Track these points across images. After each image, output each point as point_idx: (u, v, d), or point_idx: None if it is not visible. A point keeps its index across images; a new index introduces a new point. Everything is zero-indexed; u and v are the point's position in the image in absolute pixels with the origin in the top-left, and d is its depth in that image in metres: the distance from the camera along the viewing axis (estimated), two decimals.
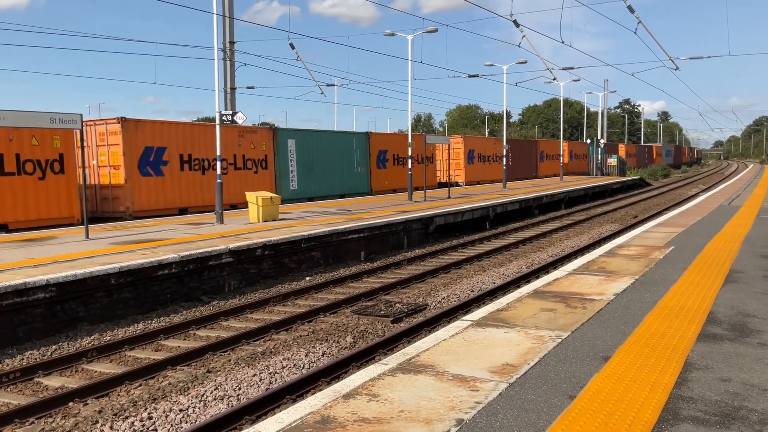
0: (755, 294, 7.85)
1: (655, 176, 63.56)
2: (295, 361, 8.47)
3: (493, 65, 37.48)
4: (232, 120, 17.23)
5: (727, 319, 6.68)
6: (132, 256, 11.68)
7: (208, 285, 12.55)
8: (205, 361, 8.69)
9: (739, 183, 40.08)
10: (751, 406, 4.38)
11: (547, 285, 8.60)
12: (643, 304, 7.32)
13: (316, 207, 22.88)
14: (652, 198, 39.00)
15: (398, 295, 12.56)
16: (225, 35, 25.22)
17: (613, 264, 10.12)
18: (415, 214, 19.53)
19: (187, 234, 15.02)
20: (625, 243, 12.64)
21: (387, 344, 9.04)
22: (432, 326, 9.88)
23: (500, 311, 7.15)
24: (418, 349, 5.75)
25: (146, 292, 11.40)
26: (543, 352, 5.56)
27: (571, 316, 6.85)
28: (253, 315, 11.24)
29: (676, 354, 5.50)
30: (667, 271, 9.35)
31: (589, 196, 36.52)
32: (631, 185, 47.82)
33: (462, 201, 24.87)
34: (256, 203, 17.79)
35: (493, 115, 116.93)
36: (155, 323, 10.75)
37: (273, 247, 13.98)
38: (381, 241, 17.70)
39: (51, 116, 13.36)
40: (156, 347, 9.53)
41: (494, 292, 12.28)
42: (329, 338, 9.54)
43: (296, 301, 12.28)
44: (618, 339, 5.97)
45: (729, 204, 22.62)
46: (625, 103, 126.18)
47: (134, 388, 7.81)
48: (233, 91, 25.10)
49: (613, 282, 8.62)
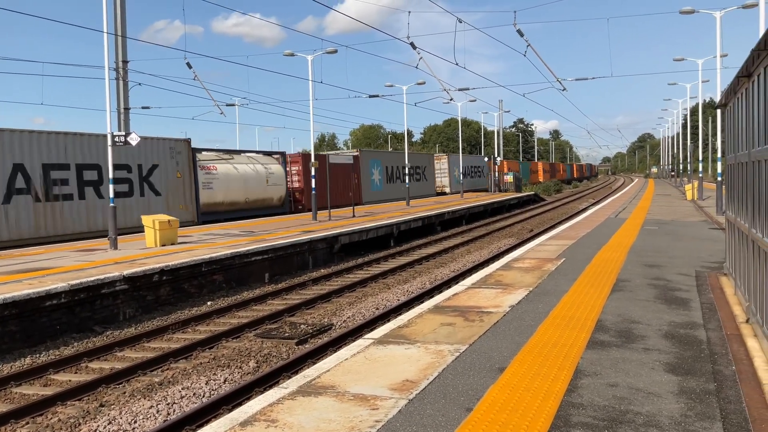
0: (640, 301, 8.32)
1: (549, 192, 66.39)
2: (195, 389, 8.21)
3: (393, 86, 38.22)
4: (125, 141, 16.61)
5: (615, 326, 7.04)
6: (17, 287, 10.99)
7: (102, 314, 11.98)
8: (98, 394, 8.27)
9: (626, 196, 42.50)
10: (637, 409, 4.63)
11: (447, 300, 8.78)
12: (536, 315, 7.61)
13: (218, 229, 22.38)
14: (546, 212, 40.68)
15: (303, 316, 12.45)
16: (117, 54, 24.37)
17: (509, 277, 10.47)
18: (319, 234, 19.47)
19: (79, 261, 14.30)
20: (521, 256, 13.11)
21: (291, 367, 8.92)
22: (337, 346, 9.85)
23: (402, 328, 7.22)
24: (320, 370, 5.71)
25: (33, 324, 10.74)
26: (442, 367, 5.66)
27: (469, 329, 7.01)
28: (151, 344, 10.81)
29: (567, 362, 5.74)
30: (558, 282, 9.77)
31: (488, 212, 37.65)
32: (527, 200, 49.72)
33: (367, 219, 25.03)
34: (152, 227, 17.18)
35: (395, 134, 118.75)
36: (44, 357, 10.15)
37: (171, 272, 13.54)
38: (285, 262, 17.51)
39: None
40: (45, 382, 8.98)
41: (398, 309, 12.39)
42: (231, 364, 9.31)
43: (197, 327, 11.92)
44: (513, 350, 6.17)
45: (616, 216, 23.93)
46: (520, 122, 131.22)
47: (20, 427, 7.33)
48: (127, 111, 24.23)
49: (509, 294, 8.91)
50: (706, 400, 4.79)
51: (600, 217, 23.49)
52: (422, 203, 37.56)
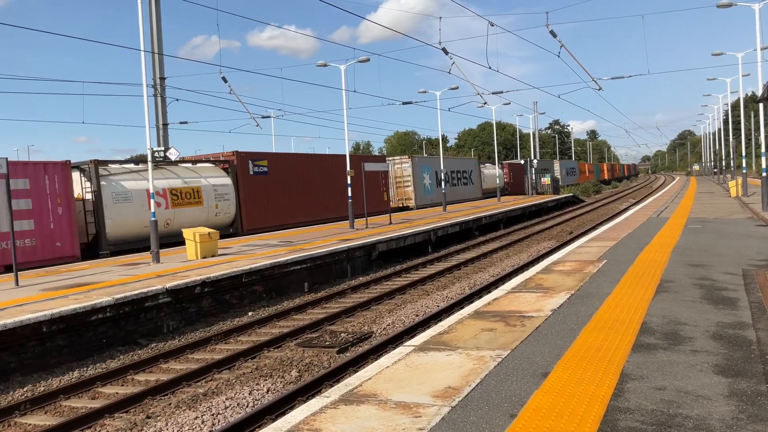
0: (685, 302, 8.13)
1: (588, 193, 65.47)
2: (239, 399, 8.29)
3: (426, 92, 38.21)
4: (164, 156, 16.93)
5: (660, 328, 6.89)
6: (64, 302, 11.26)
7: (146, 327, 12.19)
8: (144, 406, 8.41)
9: (667, 195, 41.69)
10: (686, 412, 4.51)
11: (487, 305, 8.71)
12: (578, 318, 7.49)
13: (257, 240, 22.62)
14: (585, 214, 40.13)
15: (343, 325, 12.48)
16: (155, 71, 24.90)
17: (550, 280, 10.34)
18: (357, 242, 19.53)
19: (122, 276, 14.60)
20: (561, 259, 12.94)
21: (333, 375, 8.95)
22: (378, 354, 9.84)
23: (442, 334, 7.19)
24: (361, 378, 5.71)
25: (81, 339, 10.99)
26: (484, 373, 5.60)
27: (510, 334, 6.94)
28: (194, 355, 10.96)
29: (612, 366, 5.63)
30: (601, 285, 9.61)
31: (526, 215, 37.31)
32: (565, 202, 49.12)
33: (404, 226, 25.02)
34: (193, 240, 17.44)
35: (430, 140, 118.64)
36: (91, 370, 10.37)
37: (213, 283, 13.72)
38: (324, 270, 17.60)
39: None
40: (93, 395, 9.17)
41: (438, 315, 12.35)
42: (274, 374, 9.38)
43: (239, 337, 12.05)
44: (556, 354, 6.08)
45: (658, 216, 23.48)
46: (555, 123, 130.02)
47: None
48: (165, 127, 24.72)
49: (550, 298, 8.80)
50: (758, 402, 4.65)
51: (641, 217, 23.07)
52: (459, 207, 37.37)
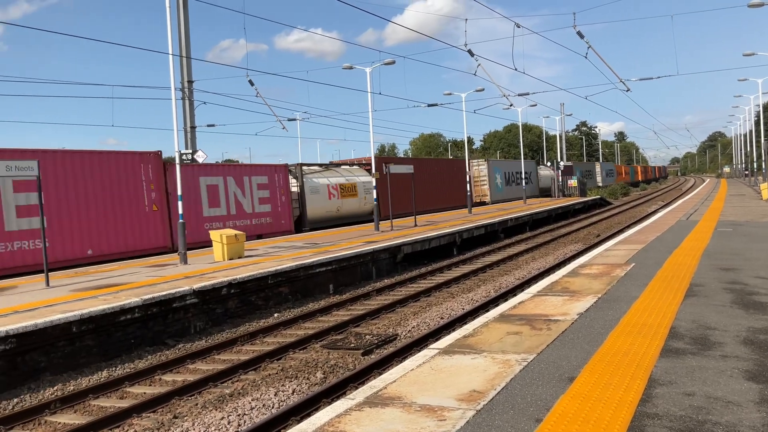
0: (715, 307, 8.00)
1: (615, 195, 64.72)
2: (265, 401, 8.35)
3: (451, 94, 38.20)
4: (192, 159, 17.12)
5: (689, 332, 6.79)
6: (93, 303, 11.44)
7: (173, 328, 12.33)
8: (171, 406, 8.50)
9: (697, 198, 41.06)
10: (716, 419, 4.44)
11: (512, 308, 8.65)
12: (606, 323, 7.41)
13: (282, 242, 22.76)
14: (613, 216, 39.68)
15: (368, 327, 12.50)
16: (183, 75, 25.19)
17: (577, 284, 10.24)
18: (382, 244, 19.54)
19: (150, 277, 14.79)
20: (588, 262, 12.82)
21: (358, 377, 8.96)
22: (402, 356, 9.84)
23: (467, 337, 7.16)
24: (386, 381, 5.71)
25: (109, 339, 11.15)
26: (509, 377, 5.57)
27: (536, 338, 6.89)
28: (221, 356, 11.06)
29: (640, 370, 5.56)
30: (628, 288, 9.49)
31: (552, 218, 37.00)
32: (593, 205, 48.62)
33: (428, 228, 24.97)
34: (220, 241, 17.61)
35: (455, 142, 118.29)
36: (120, 370, 10.51)
37: (239, 285, 13.83)
38: (349, 272, 17.64)
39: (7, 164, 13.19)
40: (121, 395, 9.30)
41: (463, 318, 12.30)
42: (299, 375, 9.43)
43: (264, 338, 12.13)
44: (582, 359, 6.02)
45: (687, 219, 23.13)
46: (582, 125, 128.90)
47: None
48: (193, 130, 24.99)
49: (576, 302, 8.71)
50: None
51: (670, 220, 22.75)
52: (484, 209, 37.19)
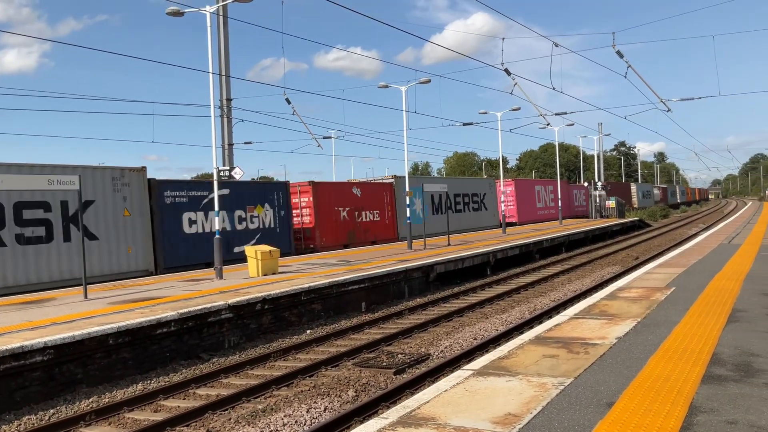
0: (759, 333, 7.76)
1: (655, 217, 63.62)
2: (297, 417, 8.33)
3: (487, 113, 38.00)
4: (229, 175, 17.35)
5: (732, 359, 6.59)
6: (130, 316, 11.60)
7: (208, 342, 12.43)
8: (204, 420, 8.54)
9: (739, 221, 40.10)
10: None
11: (548, 330, 8.52)
12: (645, 347, 7.24)
13: (316, 259, 22.85)
14: (652, 239, 38.95)
15: (400, 346, 12.43)
16: (222, 93, 25.63)
17: (615, 307, 10.05)
18: (415, 263, 19.48)
19: (186, 291, 14.95)
20: (627, 285, 12.58)
21: (390, 397, 8.90)
22: (435, 376, 9.74)
23: (502, 359, 7.06)
24: (419, 401, 5.65)
25: (145, 352, 11.28)
26: (546, 400, 5.46)
27: (573, 362, 6.76)
28: (254, 371, 11.10)
29: (680, 397, 5.41)
30: (669, 313, 9.28)
31: (589, 239, 36.48)
32: (631, 227, 47.82)
33: (462, 248, 24.83)
34: (255, 257, 17.75)
35: (490, 161, 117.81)
36: (154, 383, 10.61)
37: (273, 301, 13.90)
38: (382, 291, 17.60)
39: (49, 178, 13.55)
40: (155, 408, 9.38)
41: (497, 340, 12.15)
42: (331, 392, 9.40)
43: (297, 355, 12.14)
44: (621, 384, 5.88)
45: (729, 242, 22.58)
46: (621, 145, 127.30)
47: None
48: (231, 147, 25.36)
49: (615, 325, 8.54)
50: None
51: (712, 243, 22.24)
52: (519, 230, 36.86)
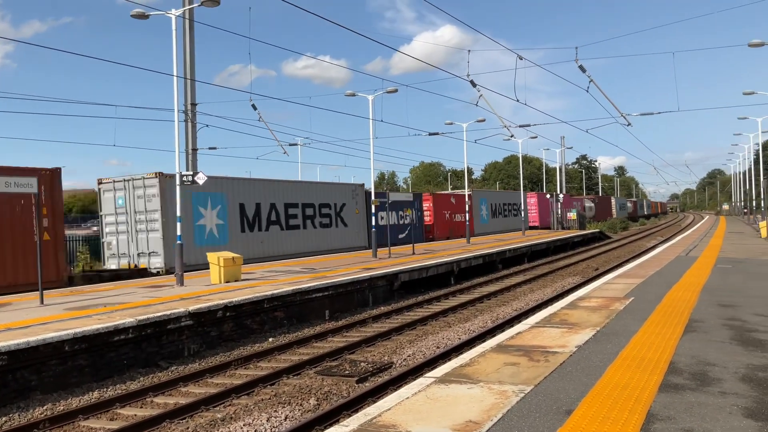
0: (715, 343, 7.93)
1: (614, 229, 64.73)
2: (257, 426, 8.22)
3: (453, 123, 38.31)
4: (192, 181, 17.12)
5: (688, 368, 6.72)
6: (87, 322, 11.34)
7: (167, 350, 12.20)
8: (162, 429, 8.38)
9: (696, 234, 41.05)
10: None
11: (510, 339, 8.58)
12: (604, 356, 7.33)
13: (280, 266, 22.67)
14: (612, 250, 39.62)
15: (363, 354, 12.38)
16: (186, 97, 25.33)
17: (575, 316, 10.17)
18: (380, 271, 19.47)
19: (146, 297, 14.69)
20: (587, 295, 12.75)
21: (351, 405, 8.85)
22: (398, 384, 9.72)
23: (464, 367, 7.08)
24: (380, 408, 5.63)
25: (102, 359, 11.03)
26: (506, 408, 5.49)
27: (534, 369, 6.81)
28: (214, 379, 10.93)
29: (638, 405, 5.48)
30: (627, 322, 9.42)
31: (551, 250, 36.94)
32: (591, 238, 48.59)
33: (427, 257, 24.91)
34: (217, 264, 17.53)
35: (455, 172, 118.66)
36: (111, 391, 10.37)
37: (235, 308, 13.73)
38: (346, 299, 17.54)
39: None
40: (111, 416, 9.16)
41: (460, 348, 12.19)
42: (292, 401, 9.31)
43: (259, 363, 12.00)
44: (581, 391, 5.95)
45: (687, 255, 23.09)
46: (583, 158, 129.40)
47: None
48: (194, 152, 25.05)
49: (575, 334, 8.64)
50: None
51: (670, 255, 22.71)
52: (483, 240, 37.14)
